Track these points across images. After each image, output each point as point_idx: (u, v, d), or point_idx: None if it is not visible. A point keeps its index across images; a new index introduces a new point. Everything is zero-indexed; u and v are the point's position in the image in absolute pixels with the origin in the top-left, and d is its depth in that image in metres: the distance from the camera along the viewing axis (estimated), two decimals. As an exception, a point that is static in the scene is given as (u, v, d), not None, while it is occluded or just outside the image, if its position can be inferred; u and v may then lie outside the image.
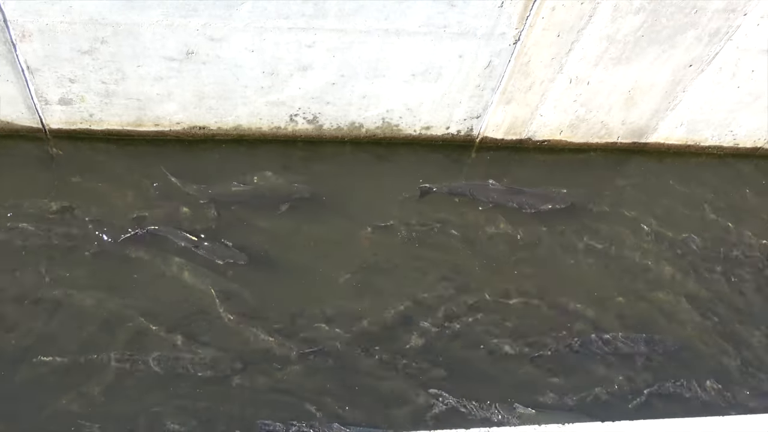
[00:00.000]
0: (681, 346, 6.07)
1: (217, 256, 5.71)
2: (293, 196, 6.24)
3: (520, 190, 6.69)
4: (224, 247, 5.75)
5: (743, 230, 7.11)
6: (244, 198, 6.21)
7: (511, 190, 6.69)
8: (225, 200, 6.17)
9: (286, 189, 6.30)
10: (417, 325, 5.83)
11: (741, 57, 6.67)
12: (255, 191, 6.26)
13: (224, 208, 6.27)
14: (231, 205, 6.21)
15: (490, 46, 6.18)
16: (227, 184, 6.36)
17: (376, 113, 6.72)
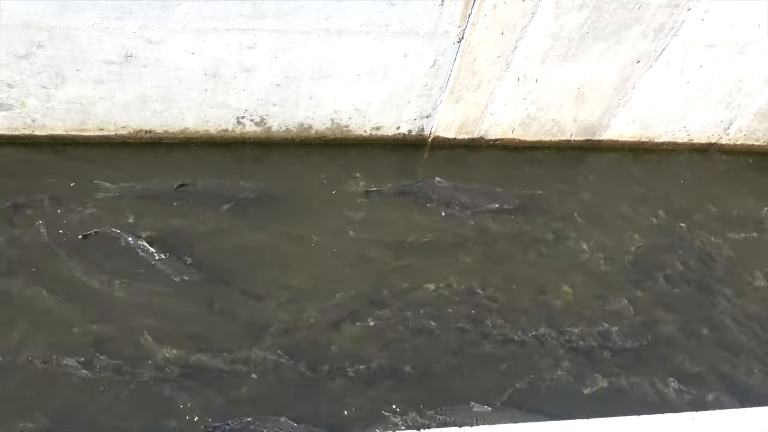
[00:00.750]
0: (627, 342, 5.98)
1: (174, 271, 5.61)
2: (238, 196, 6.15)
3: (468, 189, 6.65)
4: (181, 264, 5.64)
5: (691, 227, 7.04)
6: (187, 197, 6.07)
7: (458, 189, 6.65)
8: (168, 199, 6.02)
9: (230, 189, 6.19)
10: (369, 326, 5.80)
11: (688, 52, 6.66)
12: (198, 191, 6.13)
13: (167, 208, 6.14)
14: (173, 202, 6.04)
15: (435, 45, 6.13)
16: (170, 184, 6.23)
17: (324, 114, 6.66)
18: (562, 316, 6.11)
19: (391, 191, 6.61)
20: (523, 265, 6.50)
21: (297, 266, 5.98)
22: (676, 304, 6.39)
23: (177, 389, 5.10)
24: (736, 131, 7.77)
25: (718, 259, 6.85)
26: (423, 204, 6.64)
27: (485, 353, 5.71)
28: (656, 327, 6.15)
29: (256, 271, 5.86)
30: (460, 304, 6.05)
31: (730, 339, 6.23)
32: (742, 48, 6.69)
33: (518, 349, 5.77)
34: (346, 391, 5.39)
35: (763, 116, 7.60)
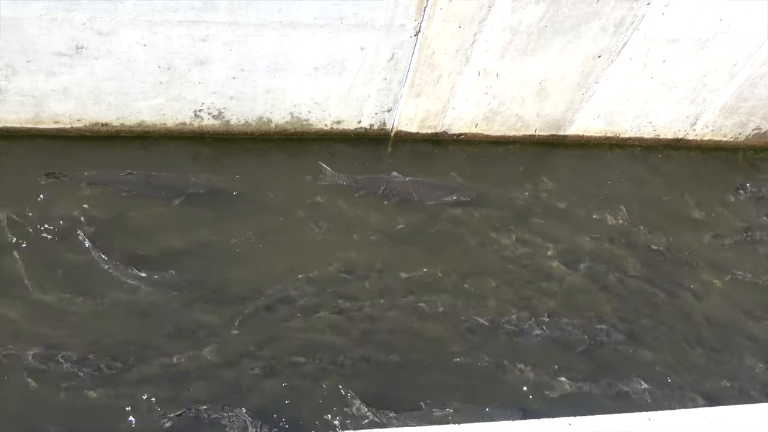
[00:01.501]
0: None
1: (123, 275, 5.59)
2: (188, 190, 6.08)
3: (424, 182, 6.61)
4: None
5: (651, 224, 7.00)
6: (137, 189, 6.02)
7: (415, 183, 6.60)
8: (117, 189, 6.09)
9: (181, 183, 6.11)
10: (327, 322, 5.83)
11: (650, 47, 6.61)
12: (148, 183, 6.06)
13: (116, 199, 6.13)
14: (122, 193, 5.99)
15: (392, 39, 6.07)
16: (121, 175, 6.23)
17: (283, 108, 6.61)
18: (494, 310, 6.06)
19: (345, 182, 6.49)
20: (471, 257, 6.40)
21: (240, 262, 5.86)
22: (626, 301, 6.29)
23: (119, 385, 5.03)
24: (703, 127, 7.72)
25: (675, 257, 6.74)
26: (380, 198, 6.52)
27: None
28: (600, 324, 6.01)
29: (200, 264, 5.74)
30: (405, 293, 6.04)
31: (680, 339, 6.15)
32: (704, 43, 6.64)
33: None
34: (299, 382, 5.44)
35: (729, 112, 7.54)
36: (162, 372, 5.22)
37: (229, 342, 5.46)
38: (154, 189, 6.07)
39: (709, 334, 6.26)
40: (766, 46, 6.80)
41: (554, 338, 5.92)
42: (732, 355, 6.20)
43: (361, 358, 5.54)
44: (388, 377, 5.49)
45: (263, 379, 5.32)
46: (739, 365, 6.16)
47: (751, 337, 6.35)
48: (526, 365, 5.76)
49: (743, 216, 7.41)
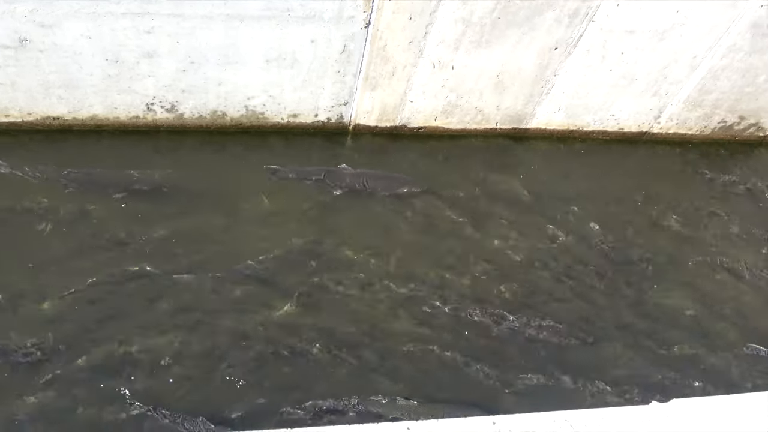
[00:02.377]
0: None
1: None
2: (131, 186, 6.02)
3: (374, 174, 6.56)
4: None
5: (610, 219, 6.93)
6: (81, 184, 5.95)
7: (364, 174, 6.55)
8: (60, 185, 6.01)
9: (125, 179, 6.06)
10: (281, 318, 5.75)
11: (607, 39, 6.54)
12: (92, 179, 6.00)
13: (57, 193, 6.04)
14: (66, 189, 5.95)
15: (342, 31, 6.01)
16: (62, 173, 6.18)
17: (237, 101, 6.55)
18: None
19: (294, 175, 6.44)
20: (415, 248, 6.44)
21: (179, 258, 5.81)
22: (581, 298, 6.24)
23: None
24: (668, 120, 7.66)
25: (633, 252, 6.67)
26: (329, 190, 6.47)
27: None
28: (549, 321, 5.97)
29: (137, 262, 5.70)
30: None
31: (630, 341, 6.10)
32: (662, 34, 6.57)
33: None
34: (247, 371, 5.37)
35: (693, 104, 7.48)
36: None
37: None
38: (97, 185, 5.96)
39: (663, 329, 6.13)
40: (726, 39, 6.71)
41: (502, 334, 5.80)
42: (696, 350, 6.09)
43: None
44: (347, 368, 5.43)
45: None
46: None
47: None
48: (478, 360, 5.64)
49: (708, 209, 7.25)
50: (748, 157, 8.00)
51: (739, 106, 7.58)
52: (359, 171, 6.61)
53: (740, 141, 8.11)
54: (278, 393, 5.19)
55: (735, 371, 5.96)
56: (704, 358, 6.03)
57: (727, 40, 6.71)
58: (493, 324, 5.91)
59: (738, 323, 6.33)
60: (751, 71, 7.12)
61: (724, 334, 6.24)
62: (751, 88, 7.32)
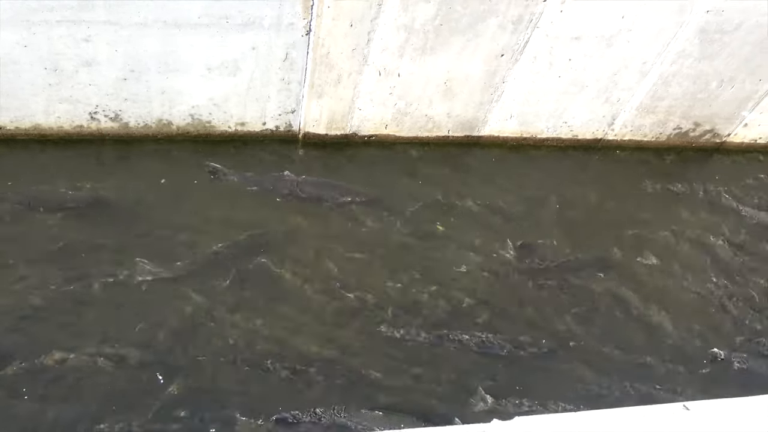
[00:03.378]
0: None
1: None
2: (65, 205, 5.94)
3: (320, 182, 6.49)
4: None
5: (562, 226, 6.89)
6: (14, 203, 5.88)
7: (309, 183, 6.50)
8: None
9: (58, 197, 5.99)
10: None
11: (553, 45, 6.52)
12: (21, 196, 5.92)
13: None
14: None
15: (283, 38, 5.98)
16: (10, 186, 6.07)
17: (182, 109, 6.50)
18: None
19: (236, 180, 6.38)
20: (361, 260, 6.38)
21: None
22: (530, 307, 6.18)
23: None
24: (621, 126, 7.63)
25: (576, 262, 6.62)
26: (272, 197, 6.42)
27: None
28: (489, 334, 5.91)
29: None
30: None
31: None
32: (609, 41, 6.55)
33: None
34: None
35: (646, 111, 7.46)
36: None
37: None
38: (29, 204, 5.89)
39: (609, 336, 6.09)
40: (675, 45, 6.69)
41: (444, 346, 5.77)
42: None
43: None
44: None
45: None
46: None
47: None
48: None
49: (661, 218, 7.23)
50: (704, 164, 7.94)
51: (693, 113, 7.55)
52: (303, 179, 6.52)
53: (697, 147, 8.10)
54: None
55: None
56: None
57: (675, 46, 6.68)
58: (435, 340, 5.87)
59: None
60: (702, 77, 7.10)
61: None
62: (703, 94, 7.30)
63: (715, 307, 6.61)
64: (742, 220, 7.40)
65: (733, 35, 6.69)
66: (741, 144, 8.19)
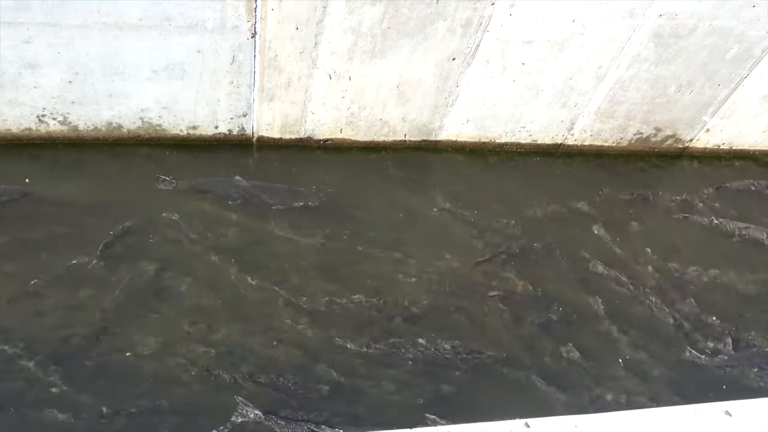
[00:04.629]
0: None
1: None
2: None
3: (270, 187, 6.43)
4: None
5: (515, 235, 6.82)
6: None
7: (260, 187, 6.42)
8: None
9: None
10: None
11: (505, 49, 6.46)
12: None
13: None
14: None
15: (228, 41, 5.93)
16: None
17: (131, 113, 6.45)
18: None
19: (185, 186, 6.33)
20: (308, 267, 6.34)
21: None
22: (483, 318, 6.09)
23: None
24: (581, 131, 7.55)
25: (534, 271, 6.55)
26: (223, 202, 6.37)
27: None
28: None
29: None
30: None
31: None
32: (562, 45, 6.49)
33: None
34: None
35: (605, 116, 7.39)
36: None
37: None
38: None
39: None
40: (629, 49, 6.63)
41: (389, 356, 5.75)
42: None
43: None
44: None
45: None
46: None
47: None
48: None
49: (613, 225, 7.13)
50: (665, 170, 7.86)
51: (653, 117, 7.48)
52: (254, 183, 6.46)
53: (660, 153, 8.03)
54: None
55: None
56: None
57: (630, 50, 6.63)
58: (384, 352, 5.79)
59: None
60: (660, 82, 7.03)
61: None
62: (662, 99, 7.23)
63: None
64: (698, 227, 7.25)
65: (688, 39, 6.59)
66: (704, 149, 8.08)
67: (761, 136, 8.08)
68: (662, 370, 6.07)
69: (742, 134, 8.03)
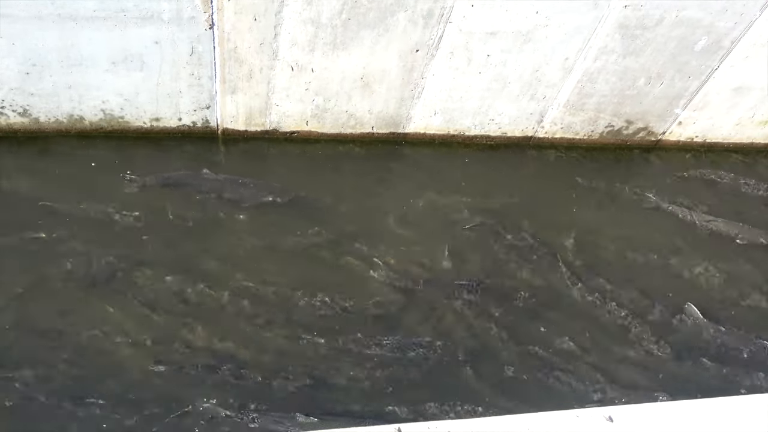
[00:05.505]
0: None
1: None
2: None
3: (238, 182, 6.39)
4: None
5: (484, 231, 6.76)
6: None
7: (228, 181, 6.38)
8: None
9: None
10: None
11: (468, 41, 6.39)
12: None
13: None
14: None
15: (186, 32, 5.87)
16: None
17: (92, 105, 6.41)
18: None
19: (153, 181, 6.31)
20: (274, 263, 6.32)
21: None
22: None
23: None
24: (551, 124, 7.49)
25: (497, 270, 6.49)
26: (191, 196, 6.34)
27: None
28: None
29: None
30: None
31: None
32: (527, 36, 6.42)
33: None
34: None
35: (575, 108, 7.32)
36: None
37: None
38: None
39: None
40: (595, 40, 6.57)
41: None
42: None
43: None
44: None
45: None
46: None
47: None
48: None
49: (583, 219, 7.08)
50: (637, 163, 7.79)
51: (624, 110, 7.42)
52: (222, 177, 6.43)
53: (632, 146, 7.96)
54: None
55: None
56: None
57: (597, 42, 6.55)
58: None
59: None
60: (629, 74, 6.97)
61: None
62: (632, 91, 7.16)
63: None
64: (666, 221, 7.21)
65: (655, 31, 6.52)
66: (678, 142, 8.02)
67: (734, 129, 7.99)
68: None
69: (716, 127, 7.93)
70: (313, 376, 5.61)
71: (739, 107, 7.70)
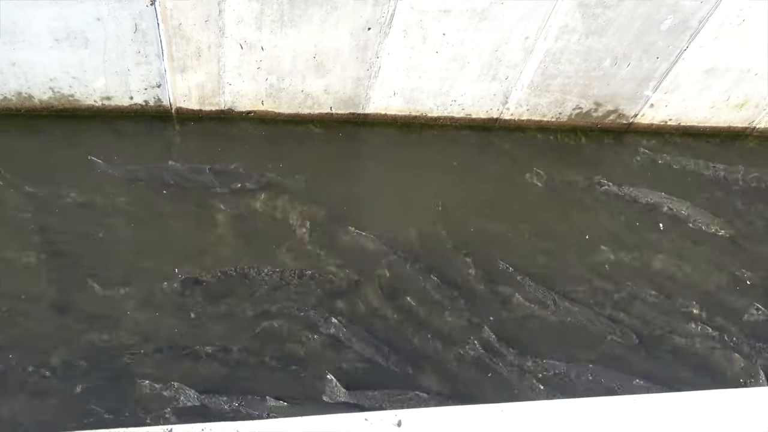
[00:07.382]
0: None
1: None
2: None
3: (206, 170, 6.29)
4: None
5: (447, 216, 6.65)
6: None
7: (196, 170, 6.28)
8: None
9: None
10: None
11: (422, 19, 6.22)
12: None
13: None
14: None
15: (127, 9, 5.78)
16: None
17: (39, 82, 6.32)
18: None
19: (120, 173, 6.31)
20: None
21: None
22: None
23: None
24: (517, 106, 7.30)
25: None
26: (158, 188, 6.35)
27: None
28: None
29: None
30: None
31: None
32: (482, 14, 6.23)
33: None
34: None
35: (540, 90, 7.12)
36: None
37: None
38: None
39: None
40: (555, 19, 6.37)
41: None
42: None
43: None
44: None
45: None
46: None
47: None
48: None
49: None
50: (603, 146, 7.56)
51: (591, 92, 7.21)
52: (189, 165, 6.48)
53: (604, 128, 7.74)
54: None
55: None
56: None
57: (556, 21, 6.36)
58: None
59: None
60: (593, 54, 6.75)
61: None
62: (598, 72, 6.95)
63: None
64: (629, 206, 7.03)
65: (617, 10, 6.31)
66: (651, 125, 7.80)
67: (709, 112, 7.74)
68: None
69: (689, 110, 7.69)
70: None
71: (713, 89, 7.45)
